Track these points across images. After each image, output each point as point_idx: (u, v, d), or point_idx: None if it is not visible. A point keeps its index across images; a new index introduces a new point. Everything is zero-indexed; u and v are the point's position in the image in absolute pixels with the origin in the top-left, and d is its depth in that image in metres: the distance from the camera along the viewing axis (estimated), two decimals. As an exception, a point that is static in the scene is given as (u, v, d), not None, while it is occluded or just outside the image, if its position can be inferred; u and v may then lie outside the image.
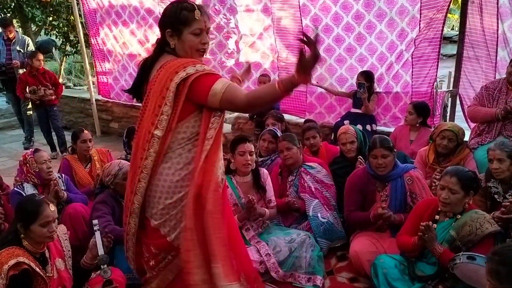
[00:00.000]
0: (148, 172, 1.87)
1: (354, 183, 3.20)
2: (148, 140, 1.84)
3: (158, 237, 1.97)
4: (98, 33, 6.78)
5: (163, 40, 1.95)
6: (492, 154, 2.95)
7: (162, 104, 1.82)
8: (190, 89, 1.81)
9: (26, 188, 3.35)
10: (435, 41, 4.48)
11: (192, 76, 1.79)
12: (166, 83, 1.82)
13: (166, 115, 1.83)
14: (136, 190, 1.90)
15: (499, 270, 1.71)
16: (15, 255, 2.15)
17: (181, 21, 1.89)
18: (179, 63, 1.84)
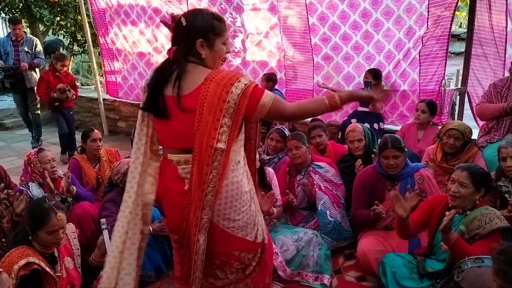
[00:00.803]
0: (214, 185, 1.84)
1: (363, 181, 3.19)
2: (210, 154, 1.81)
3: (238, 241, 1.98)
4: (107, 33, 6.81)
5: (188, 50, 1.89)
6: (504, 152, 2.92)
7: (220, 117, 1.79)
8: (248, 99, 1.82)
9: (32, 188, 3.37)
10: (443, 39, 4.45)
11: (250, 87, 1.80)
12: (222, 95, 1.78)
13: (227, 127, 1.81)
14: (203, 205, 1.85)
15: (505, 270, 1.69)
16: (25, 255, 2.17)
17: (215, 31, 1.89)
18: (229, 74, 1.83)
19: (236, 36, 5.63)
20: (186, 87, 1.85)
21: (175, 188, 1.97)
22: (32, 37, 6.88)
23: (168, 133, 1.96)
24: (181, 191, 1.95)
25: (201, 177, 1.84)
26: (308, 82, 5.40)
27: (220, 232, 1.94)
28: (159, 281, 3.10)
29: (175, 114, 1.87)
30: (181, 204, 1.96)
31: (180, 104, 1.83)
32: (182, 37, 1.90)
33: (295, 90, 5.54)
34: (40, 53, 6.77)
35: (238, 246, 1.98)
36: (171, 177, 1.98)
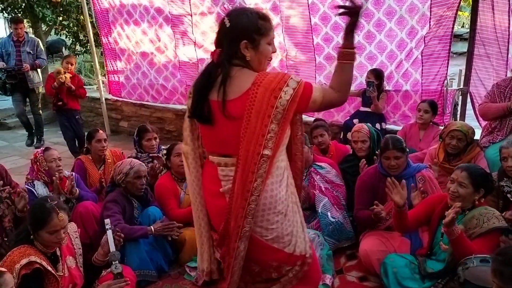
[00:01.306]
0: (258, 193, 1.80)
1: (365, 181, 3.19)
2: (257, 162, 1.76)
3: (274, 251, 1.93)
4: (110, 32, 6.81)
5: (232, 52, 1.82)
6: (506, 152, 2.92)
7: (268, 122, 1.74)
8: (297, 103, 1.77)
9: (37, 186, 3.39)
10: (445, 39, 4.45)
11: (299, 90, 1.75)
12: (270, 100, 1.73)
13: (274, 133, 1.76)
14: (246, 214, 1.81)
15: (502, 271, 1.70)
16: (27, 254, 2.17)
17: (260, 31, 1.82)
18: (277, 77, 1.76)
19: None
20: (231, 92, 1.79)
21: (211, 189, 1.96)
22: (34, 37, 6.83)
23: (211, 138, 1.93)
24: (216, 192, 1.93)
25: (245, 185, 1.79)
26: (310, 82, 5.38)
27: (257, 241, 1.91)
28: (161, 281, 3.10)
29: (219, 120, 1.83)
30: (216, 205, 1.94)
31: (225, 110, 1.78)
32: (225, 39, 1.83)
33: (297, 90, 5.52)
34: (42, 53, 6.70)
35: (274, 256, 1.94)
36: (209, 177, 1.97)
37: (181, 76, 6.29)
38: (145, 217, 3.23)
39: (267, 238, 1.90)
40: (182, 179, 3.50)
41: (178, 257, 3.31)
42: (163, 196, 3.43)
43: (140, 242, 3.04)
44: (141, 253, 3.02)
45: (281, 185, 1.88)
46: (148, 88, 6.69)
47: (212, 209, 2.02)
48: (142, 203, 3.34)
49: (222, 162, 1.90)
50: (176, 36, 6.05)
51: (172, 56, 6.24)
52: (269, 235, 1.89)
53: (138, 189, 3.23)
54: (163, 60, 6.39)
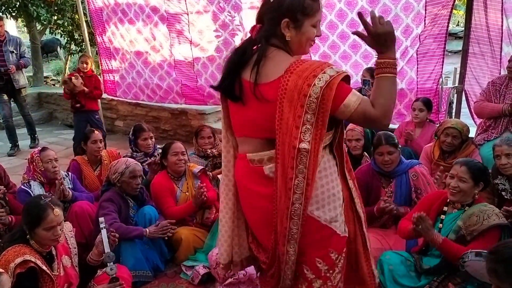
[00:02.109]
0: (302, 191, 1.63)
1: (359, 179, 3.16)
2: (294, 156, 1.60)
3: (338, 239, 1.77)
4: (104, 32, 6.78)
5: (272, 31, 1.68)
6: (499, 150, 2.93)
7: (302, 113, 1.58)
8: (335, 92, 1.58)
9: (33, 186, 3.37)
10: (440, 37, 4.46)
11: (337, 78, 1.57)
12: (303, 89, 1.56)
13: (310, 125, 1.59)
14: (291, 214, 1.65)
15: (496, 269, 1.70)
16: (21, 253, 2.17)
17: (305, 11, 1.64)
18: (314, 65, 1.60)
19: (235, 35, 5.62)
20: (264, 75, 1.66)
21: (260, 191, 1.77)
22: (15, 36, 6.51)
23: (242, 120, 1.77)
24: (266, 195, 1.74)
25: (286, 182, 1.64)
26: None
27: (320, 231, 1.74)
28: (157, 280, 3.10)
29: (251, 101, 1.69)
30: (268, 211, 1.75)
31: (256, 92, 1.65)
32: (267, 14, 1.69)
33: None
34: (25, 52, 6.41)
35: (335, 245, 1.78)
36: (255, 178, 1.77)
37: (176, 75, 6.27)
38: (140, 216, 3.22)
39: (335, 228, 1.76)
40: (179, 177, 3.54)
41: (174, 256, 3.30)
42: (160, 194, 3.42)
43: (135, 242, 3.03)
44: (136, 253, 3.01)
45: (335, 186, 1.74)
46: (143, 87, 6.67)
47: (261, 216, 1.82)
48: (138, 203, 3.33)
49: (265, 158, 1.73)
50: (172, 35, 6.03)
51: (168, 55, 6.22)
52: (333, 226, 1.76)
53: (134, 189, 3.22)
54: (158, 59, 6.37)
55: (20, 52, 6.24)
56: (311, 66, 1.60)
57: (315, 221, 1.72)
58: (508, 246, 1.75)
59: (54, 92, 8.39)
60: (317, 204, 1.71)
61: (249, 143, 1.78)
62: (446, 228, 2.58)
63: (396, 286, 2.62)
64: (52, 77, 12.67)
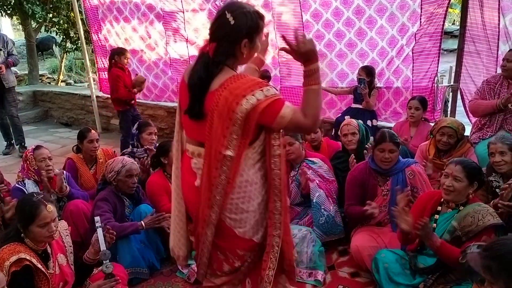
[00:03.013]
0: (223, 187, 1.86)
1: (356, 177, 3.20)
2: (220, 160, 1.81)
3: (244, 241, 2.00)
4: (100, 29, 6.77)
5: (231, 50, 1.84)
6: (493, 148, 2.95)
7: (230, 125, 1.77)
8: (259, 114, 1.77)
9: (27, 185, 3.36)
10: (436, 35, 4.48)
11: (263, 103, 1.75)
12: (232, 106, 1.74)
13: (236, 135, 1.79)
14: (212, 204, 1.88)
15: (490, 265, 1.70)
16: (16, 252, 2.16)
17: (258, 31, 1.87)
18: (245, 85, 1.77)
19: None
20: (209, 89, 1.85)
21: (188, 180, 2.01)
22: (2, 33, 6.14)
23: (192, 125, 1.95)
24: (191, 185, 1.98)
25: (210, 179, 1.86)
26: (302, 79, 5.39)
27: (228, 231, 1.97)
28: (153, 279, 3.10)
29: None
30: (192, 195, 2.00)
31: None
32: (227, 36, 1.82)
33: (290, 87, 5.54)
34: (13, 49, 6.05)
35: (242, 246, 2.01)
36: (186, 168, 2.03)
37: (172, 73, 6.27)
38: (136, 215, 3.22)
39: (240, 230, 1.97)
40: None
41: (170, 255, 3.29)
42: (155, 193, 3.42)
43: (131, 240, 3.03)
44: (132, 251, 3.01)
45: (253, 185, 1.94)
46: (139, 85, 6.65)
47: (188, 199, 2.07)
48: (134, 202, 3.32)
49: (196, 152, 1.95)
50: (168, 33, 6.03)
51: (163, 53, 6.21)
52: (242, 227, 1.97)
53: (130, 188, 3.22)
54: (153, 58, 6.36)
55: (8, 49, 5.94)
56: (244, 85, 1.77)
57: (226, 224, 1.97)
58: (503, 243, 1.76)
59: (50, 90, 8.35)
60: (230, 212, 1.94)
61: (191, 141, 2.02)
62: (440, 228, 2.58)
63: (391, 284, 2.63)
64: (47, 75, 12.59)
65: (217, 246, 2.03)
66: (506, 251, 1.69)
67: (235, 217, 1.95)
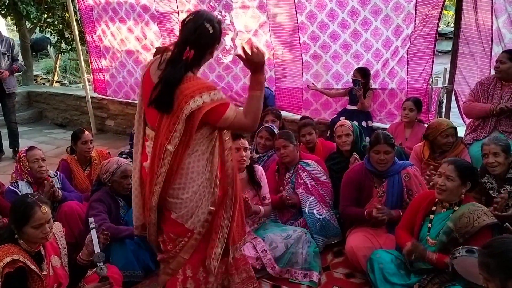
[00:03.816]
0: (162, 178, 2.06)
1: (351, 178, 3.21)
2: (163, 152, 2.02)
3: (177, 225, 2.19)
4: (94, 30, 6.75)
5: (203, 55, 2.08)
6: (486, 149, 2.97)
7: (176, 122, 1.97)
8: (204, 115, 1.98)
9: (21, 186, 3.35)
10: (430, 37, 4.50)
11: (207, 106, 1.96)
12: (181, 104, 1.94)
13: (179, 133, 1.98)
14: (153, 191, 2.10)
15: (488, 262, 1.72)
16: (10, 253, 2.14)
17: (218, 41, 2.12)
18: (195, 86, 1.97)
19: (226, 34, 5.61)
20: None
21: (142, 161, 2.24)
22: (8, 37, 5.96)
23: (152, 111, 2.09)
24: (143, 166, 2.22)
25: (153, 168, 2.08)
26: (297, 80, 5.41)
27: (167, 215, 2.21)
28: (148, 280, 3.09)
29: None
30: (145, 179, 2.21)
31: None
32: (206, 44, 2.06)
33: (285, 88, 5.55)
34: (19, 55, 5.97)
35: (176, 230, 2.20)
36: (143, 152, 2.25)
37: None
38: (131, 216, 3.19)
39: (175, 214, 2.17)
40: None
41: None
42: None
43: (126, 242, 3.01)
44: (127, 253, 2.99)
45: (194, 179, 2.12)
46: (134, 86, 6.63)
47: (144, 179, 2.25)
48: (128, 202, 3.31)
49: (150, 135, 2.15)
50: (163, 34, 6.02)
51: (159, 54, 6.19)
52: (177, 212, 2.16)
53: (125, 189, 3.21)
54: (149, 58, 6.32)
55: (13, 55, 5.80)
56: (194, 86, 1.97)
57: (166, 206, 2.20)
58: (502, 242, 1.78)
59: (44, 91, 8.32)
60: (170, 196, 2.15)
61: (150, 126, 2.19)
62: (436, 228, 2.60)
63: (387, 284, 2.64)
64: (42, 76, 12.54)
65: (159, 228, 2.27)
66: (505, 249, 1.71)
67: (173, 201, 2.15)
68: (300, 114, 5.43)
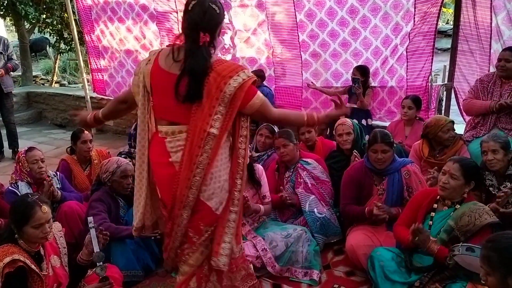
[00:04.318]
0: (203, 167, 1.97)
1: (352, 176, 3.20)
2: (203, 138, 1.94)
3: (209, 214, 2.08)
4: (93, 30, 6.74)
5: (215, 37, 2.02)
6: (486, 146, 2.97)
7: (216, 104, 1.92)
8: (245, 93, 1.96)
9: (21, 187, 3.34)
10: (429, 35, 4.49)
11: (246, 84, 1.94)
12: (220, 85, 1.90)
13: (221, 115, 1.94)
14: (191, 184, 1.98)
15: (490, 256, 1.73)
16: (10, 253, 2.14)
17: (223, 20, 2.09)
18: (230, 67, 1.95)
19: (225, 33, 5.61)
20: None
21: (159, 161, 2.07)
22: (2, 36, 5.89)
23: (165, 105, 2.03)
24: (165, 163, 2.04)
25: (192, 158, 1.96)
26: (296, 79, 5.41)
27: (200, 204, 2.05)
28: (148, 279, 3.09)
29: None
30: (166, 174, 2.05)
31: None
32: (217, 24, 2.01)
33: (284, 87, 5.55)
34: (13, 54, 5.90)
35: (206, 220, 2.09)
36: (157, 151, 2.07)
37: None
38: (131, 216, 3.19)
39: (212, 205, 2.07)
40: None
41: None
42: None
43: (126, 242, 3.01)
44: (127, 253, 3.00)
45: (224, 166, 2.07)
46: (133, 86, 6.62)
47: (160, 178, 2.12)
48: (128, 202, 3.31)
49: (170, 131, 2.03)
50: (162, 33, 6.02)
51: (158, 53, 6.18)
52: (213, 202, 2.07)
53: (124, 188, 3.21)
54: (148, 58, 6.32)
55: (7, 53, 5.75)
56: (229, 67, 1.95)
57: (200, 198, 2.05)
58: (507, 237, 1.78)
59: (43, 92, 8.31)
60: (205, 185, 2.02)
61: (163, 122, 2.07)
62: (437, 226, 2.60)
63: (387, 282, 2.64)
64: (41, 76, 12.53)
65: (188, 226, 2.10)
66: (509, 245, 1.72)
67: (207, 189, 2.03)
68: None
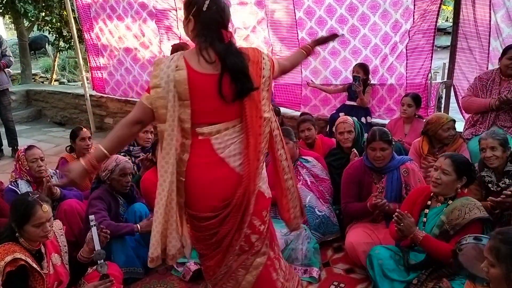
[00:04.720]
0: (265, 152, 2.03)
1: (351, 174, 3.21)
2: (261, 124, 1.97)
3: (263, 199, 2.11)
4: (92, 28, 6.72)
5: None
6: (484, 143, 2.98)
7: (261, 89, 1.98)
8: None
9: (20, 185, 3.34)
10: (429, 32, 4.48)
11: (271, 60, 2.07)
12: (258, 72, 1.97)
13: (266, 99, 2.02)
14: (258, 173, 1.99)
15: (500, 248, 1.75)
16: (11, 251, 2.15)
17: None
18: (253, 52, 2.02)
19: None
20: None
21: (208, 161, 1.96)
22: None
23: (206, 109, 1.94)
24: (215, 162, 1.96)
25: (256, 147, 1.96)
26: (296, 76, 5.40)
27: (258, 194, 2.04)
28: (148, 277, 3.10)
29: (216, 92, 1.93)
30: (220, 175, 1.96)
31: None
32: (229, 19, 2.04)
33: (284, 85, 5.54)
34: (7, 50, 5.85)
35: (265, 205, 2.12)
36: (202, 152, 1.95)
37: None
38: (131, 213, 3.21)
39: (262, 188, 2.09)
40: None
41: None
42: (150, 190, 3.39)
43: (126, 239, 3.02)
44: (127, 250, 3.01)
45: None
46: (132, 84, 6.63)
47: (206, 183, 1.97)
48: (128, 200, 3.32)
49: (214, 130, 1.95)
50: (161, 31, 6.01)
51: (157, 51, 6.19)
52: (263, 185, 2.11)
53: (124, 186, 3.21)
54: (147, 56, 6.33)
55: (1, 50, 5.74)
56: (253, 52, 2.01)
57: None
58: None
59: (43, 90, 8.31)
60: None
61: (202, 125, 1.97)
62: (430, 222, 2.61)
63: (386, 280, 2.65)
64: (40, 74, 12.53)
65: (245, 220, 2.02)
66: None
67: (262, 176, 2.07)
68: (299, 110, 5.43)
